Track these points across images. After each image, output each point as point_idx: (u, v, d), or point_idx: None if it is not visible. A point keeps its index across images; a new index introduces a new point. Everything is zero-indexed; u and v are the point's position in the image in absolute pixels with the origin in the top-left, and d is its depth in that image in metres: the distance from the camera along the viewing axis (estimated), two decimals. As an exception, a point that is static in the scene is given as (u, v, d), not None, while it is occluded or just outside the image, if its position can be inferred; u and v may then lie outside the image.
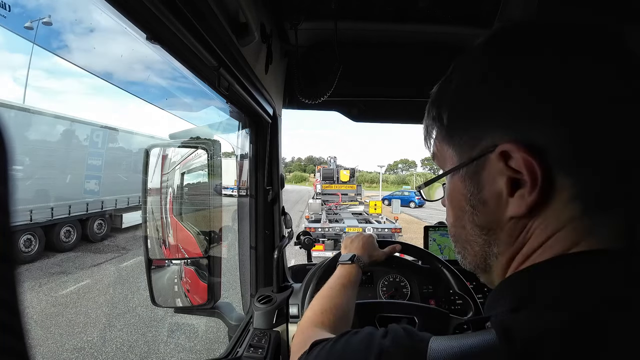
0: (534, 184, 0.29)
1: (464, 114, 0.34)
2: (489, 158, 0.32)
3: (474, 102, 0.33)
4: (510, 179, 0.31)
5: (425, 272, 1.09)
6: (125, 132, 8.90)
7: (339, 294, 0.67)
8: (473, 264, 0.38)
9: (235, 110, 1.01)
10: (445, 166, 0.38)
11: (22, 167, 5.84)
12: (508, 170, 0.30)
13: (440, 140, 0.38)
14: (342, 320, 0.62)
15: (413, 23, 0.97)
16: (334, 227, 6.39)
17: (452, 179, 0.37)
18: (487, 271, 0.37)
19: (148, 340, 3.70)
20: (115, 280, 5.43)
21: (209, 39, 0.53)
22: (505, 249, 0.34)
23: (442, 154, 0.38)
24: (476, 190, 0.34)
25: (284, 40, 1.02)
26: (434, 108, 0.38)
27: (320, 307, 0.63)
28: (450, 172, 0.36)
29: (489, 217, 0.33)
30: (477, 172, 0.33)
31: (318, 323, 0.59)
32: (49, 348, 3.46)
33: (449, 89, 0.36)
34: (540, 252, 0.31)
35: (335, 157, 14.26)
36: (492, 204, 0.33)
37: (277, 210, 1.19)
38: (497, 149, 0.31)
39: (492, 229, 0.34)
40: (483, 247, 0.35)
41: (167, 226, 1.11)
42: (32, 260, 6.04)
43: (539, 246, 0.31)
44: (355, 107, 1.34)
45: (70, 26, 6.83)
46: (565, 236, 0.30)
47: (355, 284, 0.73)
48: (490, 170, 0.32)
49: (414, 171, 70.24)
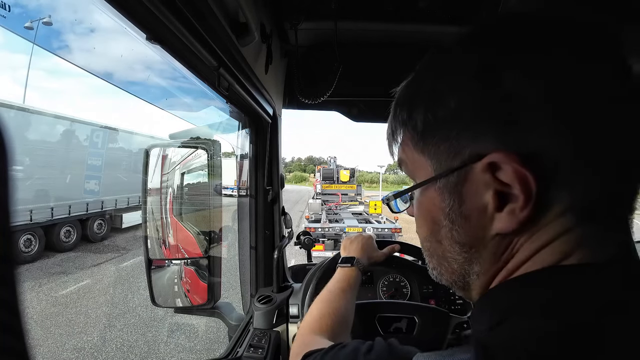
0: (527, 199, 0.26)
1: (442, 119, 0.30)
2: (473, 169, 0.28)
3: (456, 105, 0.29)
4: (497, 192, 0.28)
5: (425, 272, 1.09)
6: (125, 132, 8.90)
7: (338, 298, 0.67)
8: (450, 281, 0.35)
9: (235, 110, 1.01)
10: (416, 175, 0.35)
11: (22, 167, 5.84)
12: (495, 182, 0.27)
13: (411, 146, 0.34)
14: (341, 324, 0.62)
15: (413, 23, 0.97)
16: (334, 227, 6.39)
17: (425, 190, 0.33)
18: (466, 289, 0.34)
19: (148, 340, 3.70)
20: (115, 280, 5.43)
21: (209, 39, 0.53)
22: (489, 267, 0.31)
23: (412, 162, 0.34)
24: (456, 204, 0.30)
25: (284, 40, 1.02)
26: (403, 110, 0.34)
27: (318, 312, 0.63)
28: (425, 183, 0.33)
29: (471, 234, 0.30)
30: (458, 184, 0.30)
31: (316, 329, 0.59)
32: (49, 348, 3.46)
33: (423, 89, 0.32)
34: (527, 265, 0.29)
35: (335, 157, 14.27)
36: (475, 220, 0.30)
37: (277, 210, 1.19)
38: (483, 160, 0.27)
39: (474, 246, 0.31)
40: (462, 265, 0.32)
41: (167, 226, 1.11)
42: (32, 260, 6.04)
43: (525, 260, 0.29)
44: (355, 107, 1.34)
45: (70, 26, 6.83)
46: (555, 249, 0.27)
47: (355, 287, 0.73)
48: (473, 182, 0.29)
49: (414, 171, 69.99)
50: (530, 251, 0.28)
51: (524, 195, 0.26)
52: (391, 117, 0.37)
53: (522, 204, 0.26)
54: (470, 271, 0.32)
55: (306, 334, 0.58)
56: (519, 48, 0.28)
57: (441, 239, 0.33)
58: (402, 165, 0.37)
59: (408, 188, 0.37)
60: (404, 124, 0.34)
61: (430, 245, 0.35)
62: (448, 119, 0.30)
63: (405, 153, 0.35)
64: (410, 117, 0.33)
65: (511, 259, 0.29)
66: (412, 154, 0.34)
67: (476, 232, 0.30)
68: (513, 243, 0.29)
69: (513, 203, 0.27)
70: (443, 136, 0.30)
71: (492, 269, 0.31)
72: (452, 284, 0.35)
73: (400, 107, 0.35)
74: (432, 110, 0.31)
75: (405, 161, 0.36)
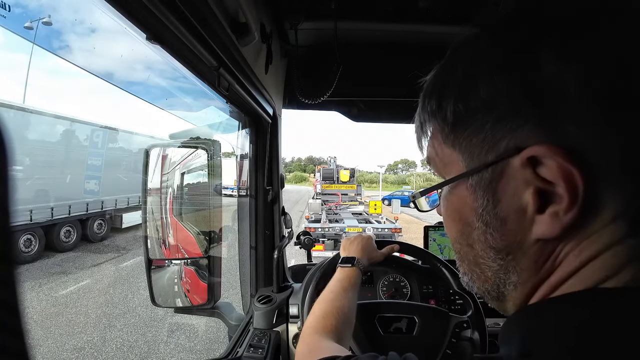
0: (573, 200, 0.23)
1: (475, 109, 0.27)
2: (510, 164, 0.25)
3: (490, 92, 0.26)
4: (538, 191, 0.24)
5: (425, 272, 1.09)
6: (125, 132, 8.91)
7: (340, 297, 0.67)
8: (482, 290, 0.31)
9: (235, 110, 1.01)
10: (445, 171, 0.32)
11: (22, 167, 5.84)
12: (537, 180, 0.24)
13: (440, 140, 0.31)
14: (344, 323, 0.62)
15: (413, 23, 0.97)
16: (334, 227, 6.38)
17: (456, 187, 0.30)
18: (501, 300, 0.30)
19: (148, 340, 3.70)
20: (115, 280, 5.43)
21: (209, 39, 0.53)
22: (528, 277, 0.27)
23: (442, 157, 0.31)
24: (490, 204, 0.27)
25: (284, 40, 1.02)
26: (431, 100, 0.31)
27: (321, 312, 0.62)
28: (456, 180, 0.29)
29: (508, 238, 0.27)
30: (493, 181, 0.27)
31: (320, 329, 0.58)
32: (49, 348, 3.46)
33: (453, 76, 0.29)
34: (571, 282, 0.25)
35: (335, 157, 14.28)
36: (512, 222, 0.26)
37: (277, 210, 1.19)
38: (522, 153, 0.24)
39: (511, 252, 0.27)
40: (497, 273, 0.29)
41: (167, 226, 1.11)
42: (32, 260, 6.04)
43: (570, 275, 0.25)
44: (355, 107, 1.34)
45: (70, 26, 6.85)
46: (604, 263, 0.24)
47: (357, 287, 0.73)
48: (510, 179, 0.26)
49: (413, 171, 70.25)
50: (576, 264, 0.25)
51: (569, 195, 0.23)
52: (419, 109, 0.34)
53: (567, 205, 0.23)
54: (506, 281, 0.28)
55: (310, 334, 0.58)
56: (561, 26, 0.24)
57: (473, 242, 0.29)
58: (431, 163, 0.34)
59: (436, 185, 0.33)
60: (433, 115, 0.31)
61: (460, 249, 0.32)
62: (481, 108, 0.27)
63: (434, 147, 0.32)
64: (440, 107, 0.30)
65: (554, 270, 0.26)
66: (441, 148, 0.31)
67: (514, 236, 0.26)
68: (557, 252, 0.25)
69: (556, 204, 0.24)
70: (476, 128, 0.27)
71: (532, 280, 0.27)
72: (485, 293, 0.31)
73: (428, 97, 0.32)
74: (463, 100, 0.28)
75: (434, 158, 0.33)
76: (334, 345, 0.53)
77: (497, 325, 1.05)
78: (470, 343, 0.80)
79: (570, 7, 0.25)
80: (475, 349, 0.79)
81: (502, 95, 0.26)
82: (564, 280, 0.25)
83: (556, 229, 0.24)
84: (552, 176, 0.23)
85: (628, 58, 0.22)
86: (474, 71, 0.28)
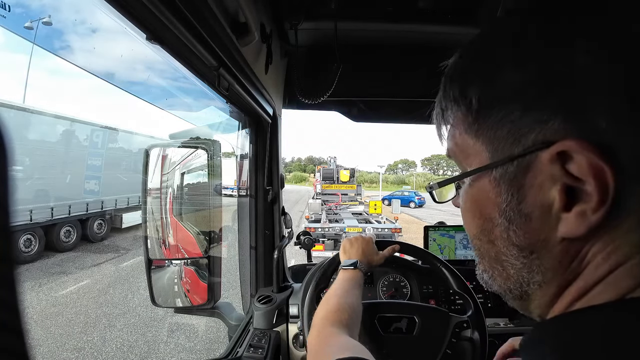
0: (602, 199, 0.22)
1: (502, 96, 0.26)
2: (538, 157, 0.24)
3: (520, 79, 0.25)
4: (566, 188, 0.23)
5: (425, 272, 1.09)
6: (125, 132, 8.92)
7: (349, 295, 0.68)
8: (503, 288, 0.30)
9: (235, 110, 1.01)
10: (467, 163, 0.30)
11: (22, 167, 5.84)
12: (565, 176, 0.23)
13: (462, 128, 0.29)
14: (355, 319, 0.63)
15: (413, 23, 0.96)
16: (334, 227, 6.39)
17: (477, 180, 0.29)
18: (524, 299, 0.29)
19: (148, 340, 3.70)
20: (115, 280, 5.43)
21: (209, 39, 0.53)
22: (553, 277, 0.26)
23: (463, 147, 0.30)
24: (514, 200, 0.26)
25: (284, 40, 1.02)
26: (454, 85, 0.29)
27: (334, 305, 0.63)
28: (478, 172, 0.28)
29: (532, 236, 0.26)
30: (518, 175, 0.25)
31: (335, 322, 0.59)
32: (49, 348, 3.46)
33: (480, 60, 0.28)
34: (600, 288, 0.24)
35: (335, 157, 14.29)
36: (537, 219, 0.25)
37: (277, 210, 1.19)
38: (552, 147, 0.23)
39: (535, 250, 0.26)
40: (520, 271, 0.27)
41: (167, 226, 1.11)
42: (32, 260, 6.05)
43: (599, 280, 0.24)
44: (355, 107, 1.34)
45: (70, 26, 6.85)
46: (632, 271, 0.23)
47: (361, 287, 0.74)
48: (537, 173, 0.24)
49: (413, 171, 70.29)
50: (605, 268, 0.24)
51: (598, 193, 0.22)
52: (440, 94, 0.31)
53: (596, 204, 0.22)
54: (529, 280, 0.27)
55: (324, 326, 0.58)
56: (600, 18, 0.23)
57: (494, 239, 0.28)
58: (451, 154, 0.32)
59: (457, 176, 0.31)
60: (456, 102, 0.29)
61: (480, 245, 0.30)
62: (509, 96, 0.25)
63: (455, 137, 0.30)
64: (464, 93, 0.28)
65: (581, 273, 0.25)
66: (463, 138, 0.29)
67: (538, 234, 0.25)
68: (583, 252, 0.24)
69: (584, 203, 0.23)
70: (502, 118, 0.26)
71: (558, 280, 0.26)
72: (506, 291, 0.30)
73: (451, 81, 0.30)
74: (490, 86, 0.26)
75: (454, 148, 0.31)
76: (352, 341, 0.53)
77: (497, 325, 1.06)
78: (470, 343, 0.80)
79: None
80: (475, 348, 0.79)
81: (533, 85, 0.24)
82: (593, 285, 0.24)
83: (582, 228, 0.23)
84: (581, 173, 0.22)
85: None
86: (504, 57, 0.26)
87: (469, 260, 1.28)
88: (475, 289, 0.90)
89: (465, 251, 1.29)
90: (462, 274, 0.90)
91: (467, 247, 1.29)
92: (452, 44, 1.00)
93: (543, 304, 0.28)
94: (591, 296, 0.24)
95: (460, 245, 1.29)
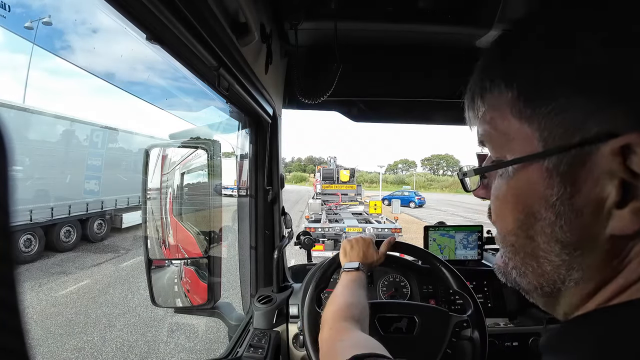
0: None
1: (567, 81, 0.23)
2: (598, 150, 0.22)
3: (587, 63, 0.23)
4: (622, 183, 0.22)
5: (425, 272, 1.09)
6: (125, 132, 8.92)
7: (356, 293, 0.69)
8: (533, 285, 0.28)
9: (235, 110, 1.01)
10: (508, 149, 0.27)
11: (22, 167, 5.84)
12: (624, 171, 0.22)
13: (506, 112, 0.27)
14: (364, 316, 0.63)
15: (413, 23, 0.96)
16: (334, 227, 6.38)
17: (523, 169, 0.26)
18: (553, 296, 0.27)
19: (148, 340, 3.70)
20: (115, 280, 5.43)
21: (209, 39, 0.53)
22: (593, 274, 0.25)
23: (505, 132, 0.27)
24: (567, 193, 0.24)
25: (284, 40, 1.02)
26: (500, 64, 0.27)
27: (343, 303, 0.63)
28: (527, 160, 0.25)
29: (580, 232, 0.24)
30: (573, 167, 0.23)
31: (347, 317, 0.59)
32: (49, 348, 3.46)
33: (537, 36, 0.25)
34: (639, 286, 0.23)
35: (335, 157, 14.29)
36: (588, 215, 0.23)
37: (277, 210, 1.19)
38: (616, 140, 0.21)
39: (580, 247, 0.24)
40: (558, 268, 0.26)
41: (167, 226, 1.11)
42: (32, 260, 6.05)
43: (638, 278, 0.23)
44: (355, 107, 1.34)
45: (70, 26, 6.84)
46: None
47: (365, 287, 0.75)
48: (594, 166, 0.23)
49: (413, 171, 70.29)
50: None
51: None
52: (478, 73, 0.29)
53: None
54: (566, 277, 0.25)
55: (336, 321, 0.58)
56: None
57: (535, 234, 0.26)
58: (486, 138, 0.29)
59: (501, 163, 0.28)
60: (505, 82, 0.26)
61: (516, 241, 0.28)
62: (574, 82, 0.23)
63: (494, 120, 0.28)
64: (512, 73, 0.26)
65: (622, 270, 0.24)
66: (506, 122, 0.27)
67: (587, 231, 0.24)
68: (627, 249, 0.23)
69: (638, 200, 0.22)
70: (562, 104, 0.23)
71: (596, 279, 0.25)
72: (536, 288, 0.28)
73: (494, 59, 0.28)
74: (549, 67, 0.24)
75: (492, 130, 0.28)
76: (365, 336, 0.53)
77: (497, 325, 1.06)
78: (471, 342, 0.80)
79: None
80: (475, 348, 0.79)
81: (603, 69, 0.22)
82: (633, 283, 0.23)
83: (635, 225, 0.22)
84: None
85: None
86: (570, 32, 0.24)
87: (469, 260, 1.28)
88: (475, 288, 0.90)
89: (465, 251, 1.29)
90: (462, 274, 0.90)
91: (467, 247, 1.29)
92: (452, 44, 1.00)
93: (574, 301, 0.26)
94: (631, 292, 0.23)
95: (460, 245, 1.29)
